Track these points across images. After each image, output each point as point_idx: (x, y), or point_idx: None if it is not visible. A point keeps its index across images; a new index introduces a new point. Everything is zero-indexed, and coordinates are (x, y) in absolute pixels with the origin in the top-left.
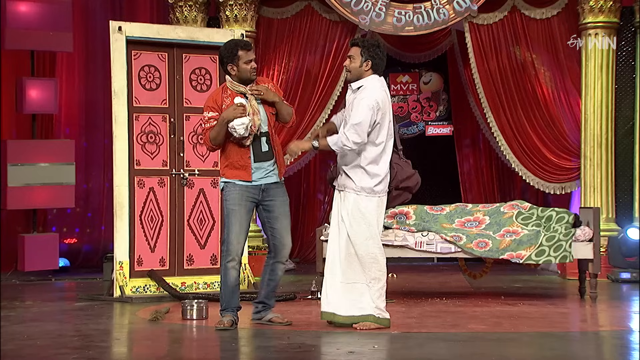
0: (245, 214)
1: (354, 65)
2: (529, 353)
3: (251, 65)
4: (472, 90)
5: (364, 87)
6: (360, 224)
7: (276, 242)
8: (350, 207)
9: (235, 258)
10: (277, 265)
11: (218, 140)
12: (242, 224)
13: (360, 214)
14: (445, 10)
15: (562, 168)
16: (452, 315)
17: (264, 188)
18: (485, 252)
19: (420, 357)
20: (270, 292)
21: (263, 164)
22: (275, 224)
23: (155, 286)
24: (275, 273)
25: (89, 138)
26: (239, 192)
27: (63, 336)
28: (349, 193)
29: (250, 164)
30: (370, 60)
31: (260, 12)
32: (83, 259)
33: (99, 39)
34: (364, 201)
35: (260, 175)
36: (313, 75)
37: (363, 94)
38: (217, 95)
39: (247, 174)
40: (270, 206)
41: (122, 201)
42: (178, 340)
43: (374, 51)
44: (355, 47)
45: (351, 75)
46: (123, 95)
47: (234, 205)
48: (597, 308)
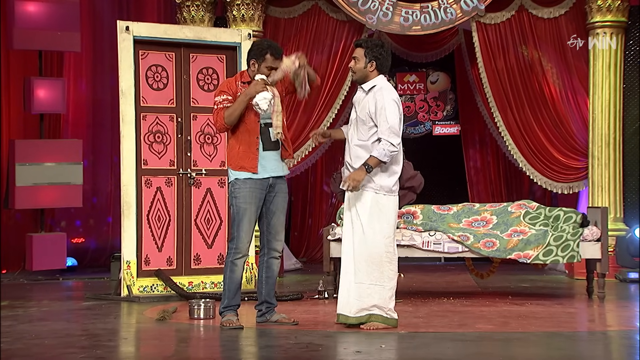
0: (255, 211)
1: (359, 67)
2: (537, 353)
3: (270, 73)
4: (479, 90)
5: (378, 87)
6: (381, 222)
7: (270, 237)
8: (368, 205)
9: (244, 255)
10: (271, 261)
11: (232, 118)
12: (252, 221)
13: (381, 213)
14: (452, 9)
15: (570, 167)
16: (460, 315)
17: (271, 183)
18: (492, 251)
19: (427, 357)
20: (270, 290)
21: (271, 153)
22: (272, 219)
23: (162, 286)
24: (272, 269)
25: (97, 138)
26: (249, 190)
27: (71, 335)
28: (367, 192)
29: (258, 153)
30: (375, 60)
31: (267, 12)
32: (90, 259)
33: (107, 38)
34: (382, 199)
35: (271, 166)
36: (320, 74)
37: (382, 94)
38: (232, 82)
39: (253, 164)
40: (272, 201)
41: (129, 201)
42: (185, 340)
43: (377, 51)
44: (359, 48)
45: (356, 77)
46: (130, 94)
47: (244, 204)
48: (604, 308)
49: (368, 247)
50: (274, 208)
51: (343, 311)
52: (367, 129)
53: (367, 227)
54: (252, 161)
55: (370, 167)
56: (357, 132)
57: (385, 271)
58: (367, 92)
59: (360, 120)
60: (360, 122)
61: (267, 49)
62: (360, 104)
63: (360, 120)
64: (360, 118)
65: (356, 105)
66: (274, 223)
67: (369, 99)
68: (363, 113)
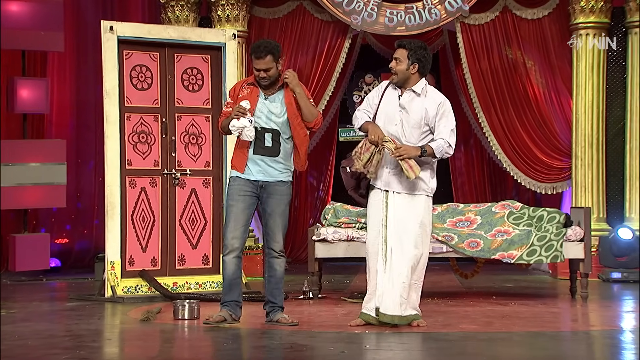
0: (242, 209)
1: (401, 68)
2: (520, 353)
3: (259, 74)
4: (463, 90)
5: (431, 89)
6: (430, 225)
7: (268, 238)
8: (423, 210)
9: (232, 251)
10: (272, 260)
11: (224, 130)
12: (237, 219)
13: (430, 215)
14: (436, 10)
15: (553, 168)
16: (444, 315)
17: (262, 185)
18: (476, 252)
19: (411, 357)
20: (273, 290)
21: (263, 158)
22: (268, 220)
23: (146, 286)
24: (273, 269)
25: (80, 138)
26: (236, 187)
27: (54, 336)
28: (420, 196)
29: (247, 155)
30: (418, 63)
31: (252, 12)
32: (74, 259)
33: (91, 38)
34: (430, 202)
35: (257, 170)
36: (305, 75)
37: (442, 97)
38: (239, 84)
39: (241, 165)
40: (266, 203)
41: (113, 201)
42: (169, 341)
43: (421, 53)
44: (402, 49)
45: (398, 78)
46: (114, 95)
47: (231, 200)
48: (588, 308)
49: (420, 248)
50: (268, 209)
51: (387, 311)
52: (420, 133)
53: (420, 231)
54: (240, 162)
55: (425, 153)
56: (405, 135)
57: (422, 273)
58: (418, 95)
59: (411, 124)
60: (411, 126)
61: (251, 51)
62: (410, 107)
63: (410, 123)
64: (411, 121)
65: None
66: (270, 224)
67: (427, 102)
68: (416, 116)
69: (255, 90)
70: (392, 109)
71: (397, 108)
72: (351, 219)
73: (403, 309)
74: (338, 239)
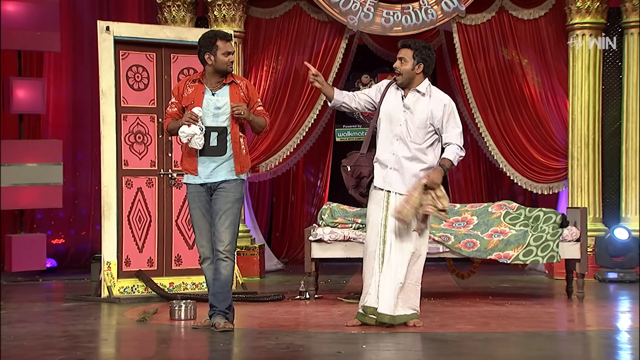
0: (201, 217)
1: (406, 68)
2: (517, 353)
3: (229, 58)
4: (460, 91)
5: (435, 90)
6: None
7: (214, 239)
8: None
9: (205, 259)
10: (218, 262)
11: (171, 133)
12: (200, 228)
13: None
14: (433, 10)
15: (550, 168)
16: (440, 315)
17: (210, 186)
18: (473, 252)
19: (408, 357)
20: (217, 293)
21: (211, 158)
22: (215, 219)
23: (143, 287)
24: (219, 272)
25: (77, 138)
26: (191, 195)
27: (50, 337)
28: None
29: (197, 157)
30: (422, 63)
31: (248, 12)
32: (71, 260)
33: (87, 38)
34: None
35: (208, 171)
36: (302, 75)
37: (441, 97)
38: (182, 82)
39: (193, 166)
40: (214, 202)
41: (110, 201)
42: (166, 341)
43: (426, 53)
44: (407, 49)
45: (402, 79)
46: (111, 95)
47: (190, 209)
48: (584, 308)
49: (422, 249)
50: (216, 208)
51: (387, 311)
52: (425, 133)
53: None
54: (190, 165)
55: (447, 169)
56: (410, 135)
57: (421, 272)
58: (423, 95)
59: (417, 124)
60: (416, 126)
61: (214, 37)
62: (415, 107)
63: (415, 124)
64: (417, 121)
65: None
66: (216, 223)
67: (432, 103)
68: (421, 117)
69: (200, 87)
70: (396, 110)
71: (401, 109)
72: (348, 220)
73: (398, 309)
74: (335, 239)
